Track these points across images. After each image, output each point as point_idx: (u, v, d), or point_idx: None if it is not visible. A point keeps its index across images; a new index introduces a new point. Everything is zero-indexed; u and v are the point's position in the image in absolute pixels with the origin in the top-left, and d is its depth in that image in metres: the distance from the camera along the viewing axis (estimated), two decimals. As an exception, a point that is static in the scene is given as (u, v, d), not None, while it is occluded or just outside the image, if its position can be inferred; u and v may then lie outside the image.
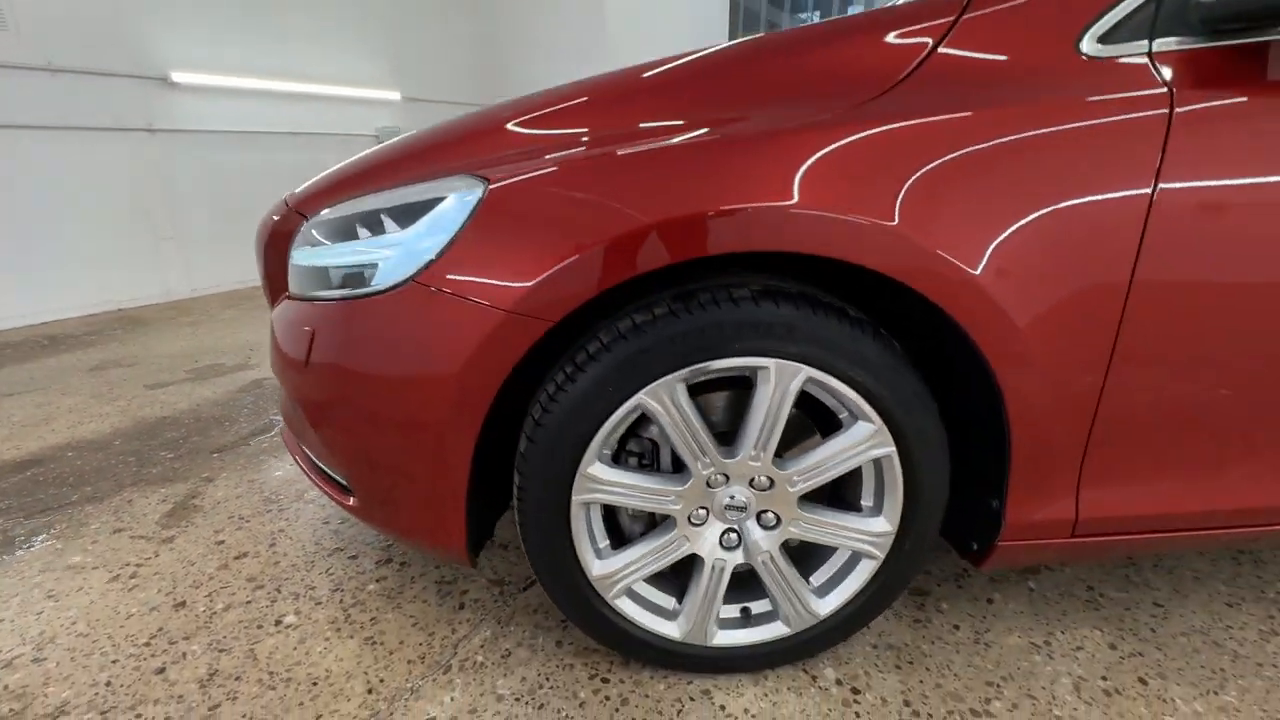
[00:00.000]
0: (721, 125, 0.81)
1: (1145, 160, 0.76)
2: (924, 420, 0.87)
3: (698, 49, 0.94)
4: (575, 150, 0.84)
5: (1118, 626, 1.11)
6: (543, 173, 0.81)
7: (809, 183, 0.76)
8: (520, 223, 0.81)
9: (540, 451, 0.86)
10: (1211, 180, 0.77)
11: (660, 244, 0.76)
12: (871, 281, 0.86)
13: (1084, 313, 0.80)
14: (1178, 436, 0.88)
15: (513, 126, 0.92)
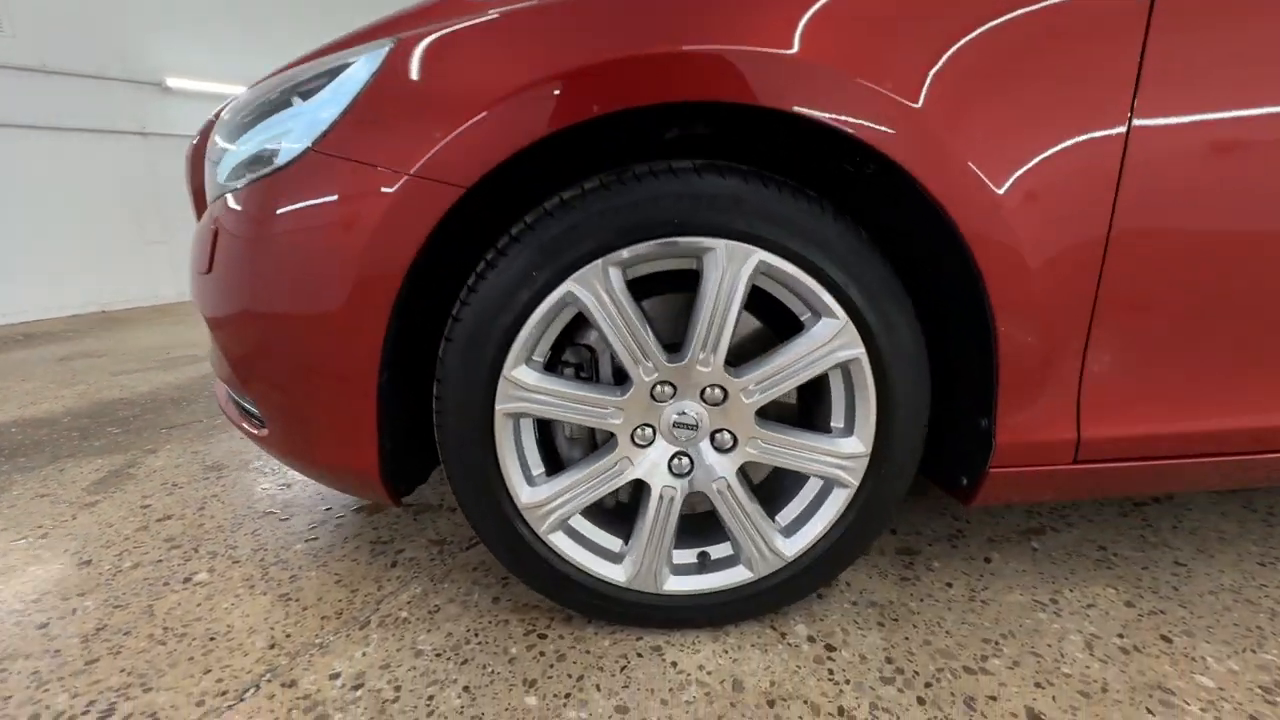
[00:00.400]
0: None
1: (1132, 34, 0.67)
2: (896, 315, 0.76)
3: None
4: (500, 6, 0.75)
5: (1134, 585, 0.97)
6: (452, 28, 0.72)
7: (750, 21, 0.66)
8: (427, 80, 0.71)
9: (458, 350, 0.75)
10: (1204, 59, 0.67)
11: (579, 93, 0.67)
12: (828, 158, 0.76)
13: (1077, 174, 0.69)
14: (1193, 333, 0.77)
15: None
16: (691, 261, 0.77)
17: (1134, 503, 1.22)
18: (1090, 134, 0.68)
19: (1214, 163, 0.70)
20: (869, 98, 0.66)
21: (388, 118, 0.71)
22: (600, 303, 0.74)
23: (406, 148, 0.69)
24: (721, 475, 0.82)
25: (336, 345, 0.76)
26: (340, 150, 0.72)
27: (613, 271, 0.73)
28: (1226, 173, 0.70)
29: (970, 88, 0.67)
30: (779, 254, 0.73)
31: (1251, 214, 0.71)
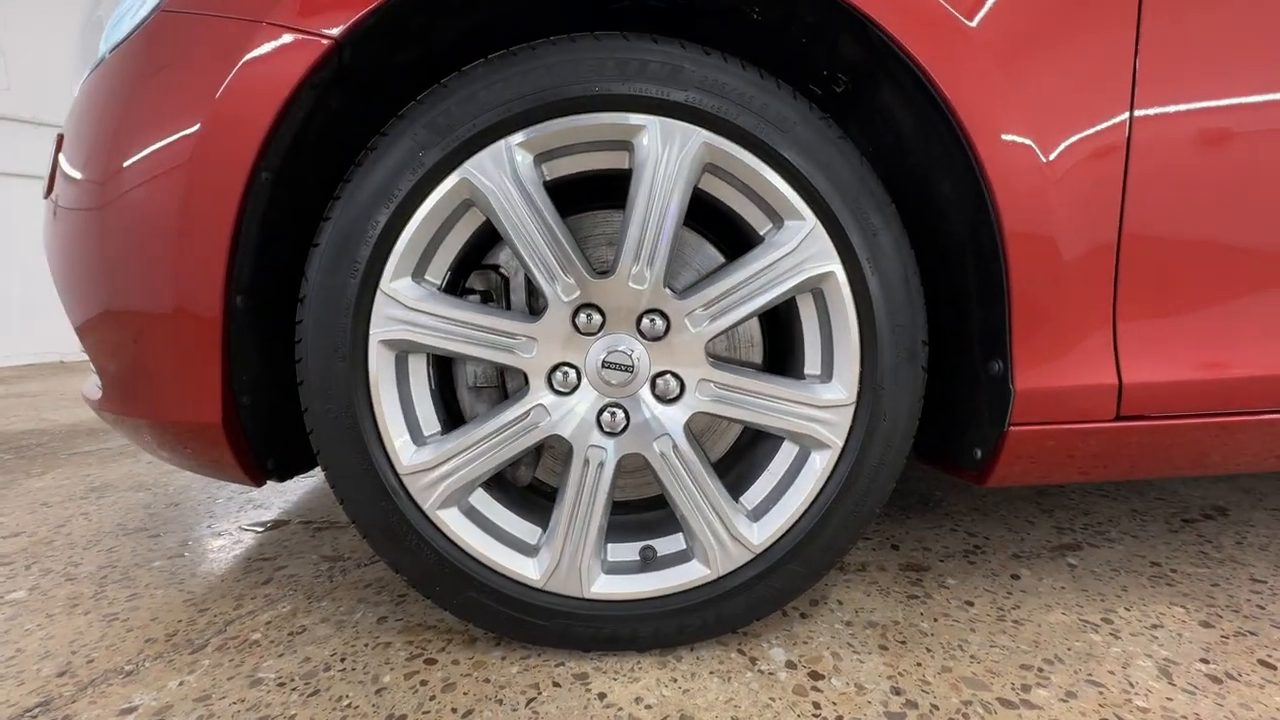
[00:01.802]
0: None
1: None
2: (877, 219, 0.60)
3: None
4: None
5: (1207, 604, 0.76)
6: None
7: None
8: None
9: (327, 257, 0.59)
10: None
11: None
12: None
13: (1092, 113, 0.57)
14: (1235, 269, 0.61)
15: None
16: (624, 158, 0.63)
17: (1183, 519, 1.01)
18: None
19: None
20: None
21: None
22: (505, 194, 0.59)
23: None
24: (665, 432, 0.63)
25: (170, 254, 0.59)
26: (189, 5, 0.59)
27: (520, 156, 0.59)
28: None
29: None
30: (728, 136, 0.59)
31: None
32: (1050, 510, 1.06)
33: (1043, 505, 1.08)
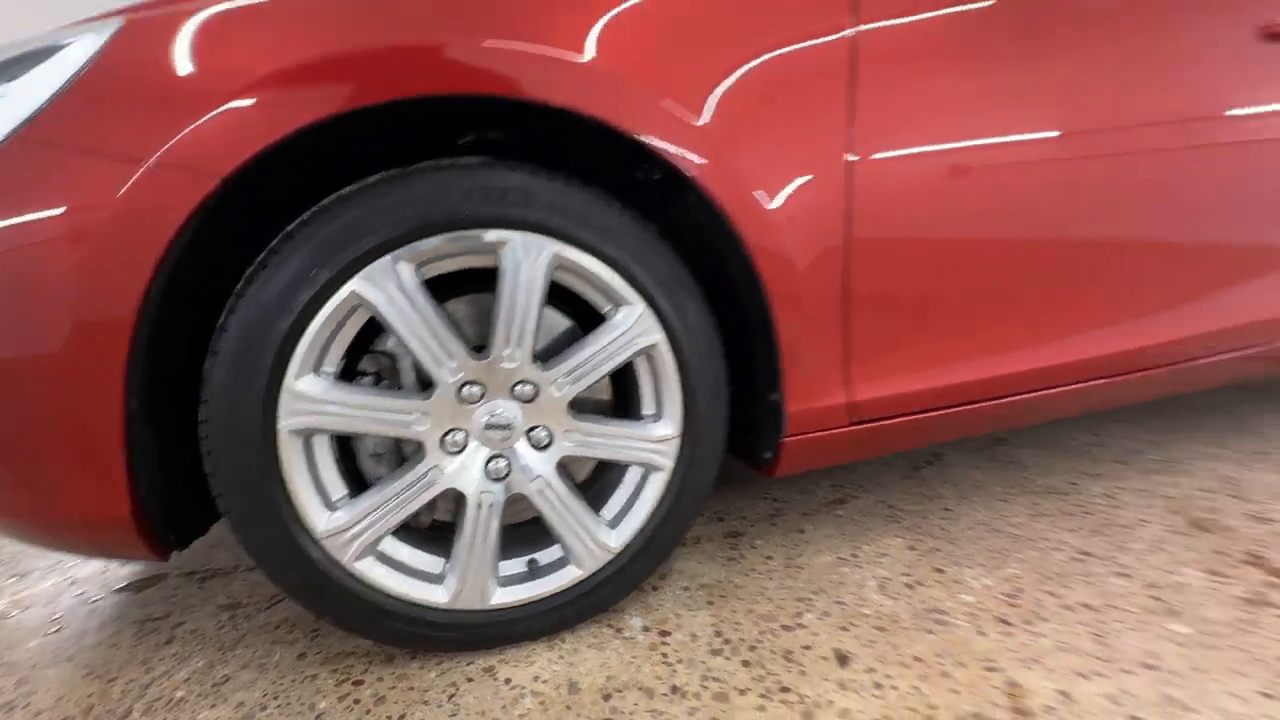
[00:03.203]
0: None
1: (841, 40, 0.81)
2: (688, 304, 0.82)
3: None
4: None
5: (915, 532, 1.12)
6: (191, 10, 0.67)
7: (528, 19, 0.70)
8: (168, 61, 0.64)
9: (227, 364, 0.67)
10: (899, 63, 0.84)
11: (348, 79, 0.65)
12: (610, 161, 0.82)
13: (815, 176, 0.81)
14: (938, 300, 0.92)
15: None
16: (491, 258, 0.77)
17: (912, 466, 1.42)
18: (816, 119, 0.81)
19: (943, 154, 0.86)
20: (661, 112, 0.73)
21: (119, 101, 0.63)
22: (392, 301, 0.71)
23: (142, 134, 0.62)
24: (540, 474, 0.81)
25: (65, 381, 0.64)
26: (57, 137, 0.62)
27: (403, 267, 0.71)
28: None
29: (739, 106, 0.77)
30: (574, 245, 0.76)
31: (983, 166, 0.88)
32: (830, 471, 1.41)
33: (828, 469, 1.43)
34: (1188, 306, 1.10)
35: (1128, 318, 1.06)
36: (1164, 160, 1.00)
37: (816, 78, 0.81)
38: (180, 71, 0.64)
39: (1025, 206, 0.93)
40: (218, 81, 0.63)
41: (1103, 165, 0.96)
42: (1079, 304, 1.01)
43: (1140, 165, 0.98)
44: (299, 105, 0.64)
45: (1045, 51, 0.92)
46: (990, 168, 0.90)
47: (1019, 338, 0.99)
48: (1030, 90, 0.91)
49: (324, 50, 0.64)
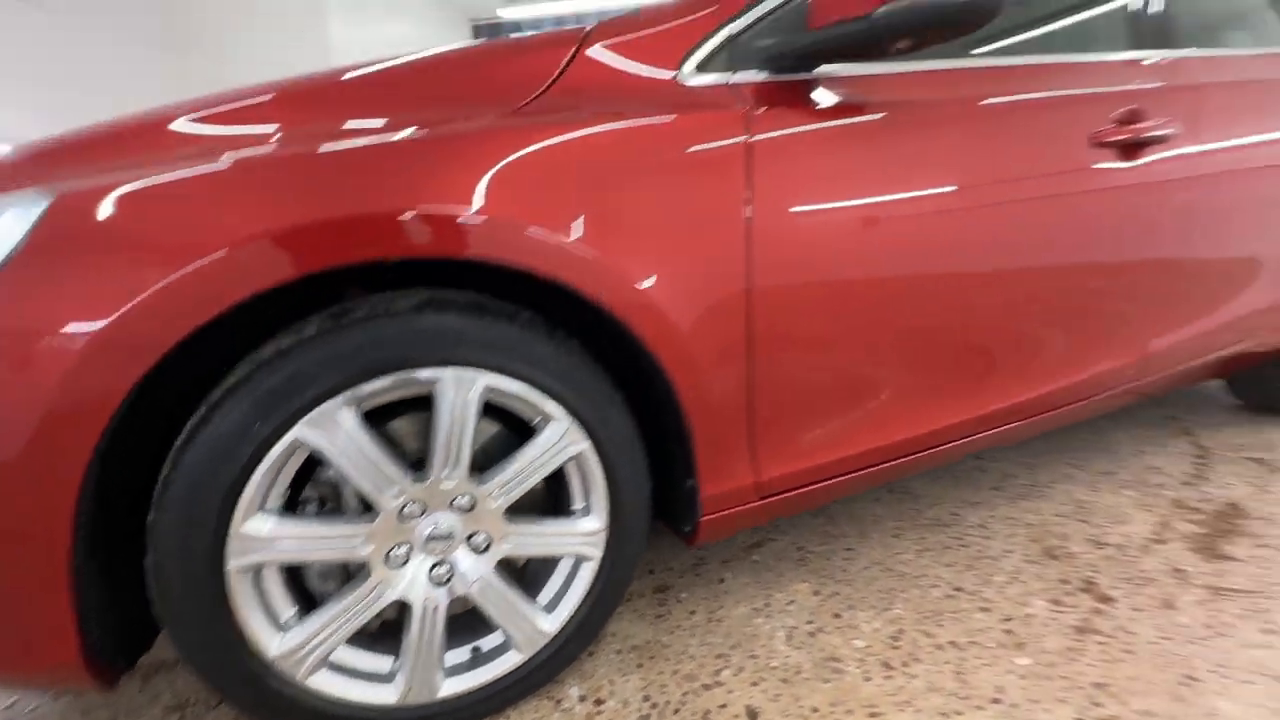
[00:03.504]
0: (335, 134, 0.78)
1: (735, 166, 0.91)
2: (611, 413, 0.91)
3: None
4: (195, 156, 0.74)
5: (820, 575, 1.27)
6: (136, 181, 0.69)
7: (450, 184, 0.76)
8: (108, 236, 0.67)
9: (173, 519, 0.71)
10: (789, 180, 0.95)
11: (278, 253, 0.70)
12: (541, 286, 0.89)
13: (717, 294, 0.92)
14: (836, 382, 1.05)
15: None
16: (431, 387, 0.83)
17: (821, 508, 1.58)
18: (721, 236, 0.91)
19: (834, 236, 0.98)
20: (547, 244, 0.80)
21: (52, 280, 0.65)
22: (334, 443, 0.76)
23: (90, 308, 0.64)
24: (480, 575, 0.89)
25: (11, 543, 0.66)
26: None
27: (343, 412, 0.76)
28: (846, 244, 0.99)
29: (621, 221, 0.85)
30: (503, 374, 0.83)
31: (870, 271, 1.01)
32: (750, 511, 1.55)
33: (746, 506, 1.57)
34: (1058, 363, 1.30)
35: (1006, 377, 1.24)
36: (1029, 238, 1.17)
37: (711, 196, 0.90)
38: (119, 248, 0.66)
39: (908, 293, 1.07)
40: (157, 257, 0.66)
41: (973, 251, 1.12)
42: (960, 371, 1.18)
43: (1005, 244, 1.15)
44: (234, 280, 0.68)
45: (927, 161, 1.05)
46: (878, 262, 1.03)
47: (910, 408, 1.15)
48: (906, 193, 1.04)
49: (263, 225, 0.69)
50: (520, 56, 0.89)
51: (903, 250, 1.05)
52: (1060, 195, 1.19)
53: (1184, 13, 1.48)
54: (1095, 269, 1.29)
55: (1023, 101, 1.16)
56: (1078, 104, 1.22)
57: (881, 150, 1.02)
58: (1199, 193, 1.38)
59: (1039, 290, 1.22)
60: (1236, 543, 1.33)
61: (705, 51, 0.95)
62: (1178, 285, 1.45)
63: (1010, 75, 1.17)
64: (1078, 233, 1.23)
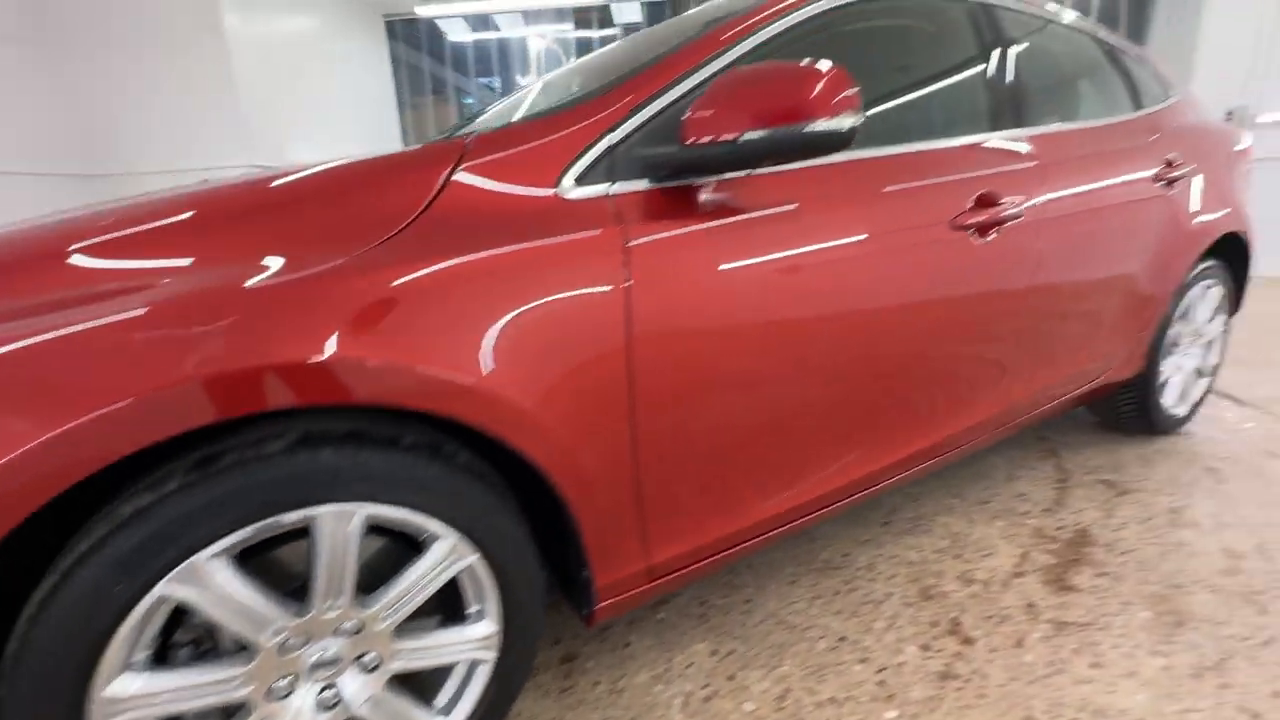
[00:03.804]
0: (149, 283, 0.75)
1: (617, 277, 0.95)
2: (499, 523, 0.94)
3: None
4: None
5: (718, 632, 1.35)
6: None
7: (310, 332, 0.75)
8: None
9: (27, 679, 0.68)
10: (670, 285, 1.00)
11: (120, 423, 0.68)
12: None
13: (600, 404, 0.96)
14: (719, 469, 1.12)
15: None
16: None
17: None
18: (602, 349, 0.94)
19: (695, 367, 1.03)
20: (421, 380, 0.81)
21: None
22: (203, 595, 0.75)
23: None
24: (370, 694, 0.90)
25: None
26: None
27: (212, 563, 0.75)
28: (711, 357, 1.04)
29: (499, 348, 0.87)
30: (384, 503, 0.84)
31: (737, 377, 1.07)
32: (659, 562, 1.61)
33: (656, 556, 1.63)
34: (936, 418, 1.43)
35: (892, 437, 1.35)
36: (898, 314, 1.26)
37: (590, 312, 0.94)
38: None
39: (791, 376, 1.14)
40: (29, 417, 0.63)
41: (846, 333, 1.20)
42: (843, 439, 1.27)
43: (877, 324, 1.24)
44: (81, 454, 0.66)
45: (803, 256, 1.12)
46: (759, 353, 1.09)
47: (797, 478, 1.23)
48: (782, 287, 1.11)
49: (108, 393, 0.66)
50: (389, 181, 0.88)
51: (781, 340, 1.12)
52: (927, 273, 1.29)
53: (1033, 90, 1.63)
54: (966, 334, 1.41)
55: (892, 192, 1.25)
56: (942, 190, 1.32)
57: (760, 248, 1.08)
58: (1052, 260, 1.54)
59: (913, 361, 1.33)
60: (1081, 572, 1.50)
61: (584, 164, 0.97)
62: (1042, 339, 1.61)
63: (879, 167, 1.26)
64: (946, 305, 1.35)
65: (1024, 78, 1.62)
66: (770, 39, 1.19)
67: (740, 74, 0.96)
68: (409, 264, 0.82)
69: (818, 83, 0.92)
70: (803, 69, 0.94)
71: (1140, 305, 1.90)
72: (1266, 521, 1.68)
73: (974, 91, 1.52)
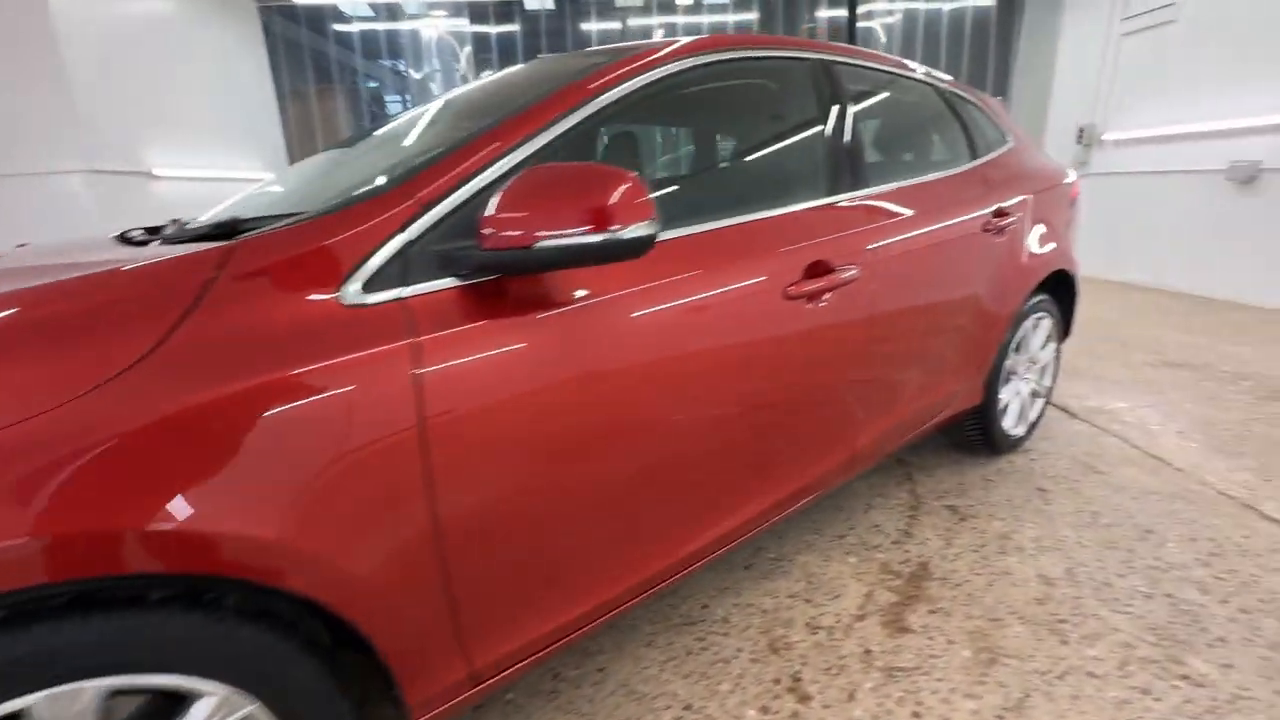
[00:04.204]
0: None
1: (406, 393, 0.88)
2: (280, 664, 0.86)
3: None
4: None
5: (567, 710, 1.33)
6: None
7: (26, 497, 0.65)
8: None
9: None
10: (472, 395, 0.95)
11: None
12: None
13: (395, 524, 0.90)
14: (536, 579, 1.08)
15: None
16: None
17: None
18: (390, 471, 0.88)
19: (498, 468, 0.99)
20: (184, 541, 0.73)
21: None
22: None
23: None
24: None
25: None
26: None
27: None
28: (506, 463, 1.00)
29: (278, 493, 0.80)
30: (129, 674, 0.75)
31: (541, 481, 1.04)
32: (518, 629, 1.57)
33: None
34: (753, 494, 1.45)
35: (709, 515, 1.36)
36: (717, 392, 1.27)
37: (381, 432, 0.87)
38: None
39: (613, 469, 1.13)
40: None
41: (666, 413, 1.20)
42: (674, 516, 1.27)
43: (700, 401, 1.25)
44: None
45: (617, 344, 1.10)
46: (577, 450, 1.07)
47: (625, 564, 1.22)
48: (594, 378, 1.09)
49: None
50: (127, 297, 0.78)
51: (603, 436, 1.10)
52: (757, 347, 1.31)
53: (871, 149, 1.70)
54: (804, 400, 1.46)
55: (721, 268, 1.26)
56: (773, 261, 1.34)
57: (578, 343, 1.05)
58: (888, 317, 1.61)
59: (746, 433, 1.35)
60: (916, 610, 1.60)
61: (371, 268, 0.90)
62: (885, 389, 1.70)
63: (706, 243, 1.27)
64: (780, 374, 1.38)
65: (861, 136, 1.68)
66: (591, 115, 1.16)
67: (536, 175, 0.92)
68: (140, 402, 0.73)
69: (614, 190, 0.90)
70: (600, 173, 0.91)
71: (977, 344, 2.04)
72: (1078, 541, 1.86)
73: (810, 155, 1.56)
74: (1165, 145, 5.48)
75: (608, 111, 1.18)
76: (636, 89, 1.23)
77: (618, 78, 1.21)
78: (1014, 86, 6.94)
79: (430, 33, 6.55)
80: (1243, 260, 4.86)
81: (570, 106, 1.14)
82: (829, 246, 1.45)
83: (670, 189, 1.56)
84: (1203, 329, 4.18)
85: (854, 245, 1.51)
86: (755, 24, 6.59)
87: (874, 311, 1.56)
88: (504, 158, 1.03)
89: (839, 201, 1.56)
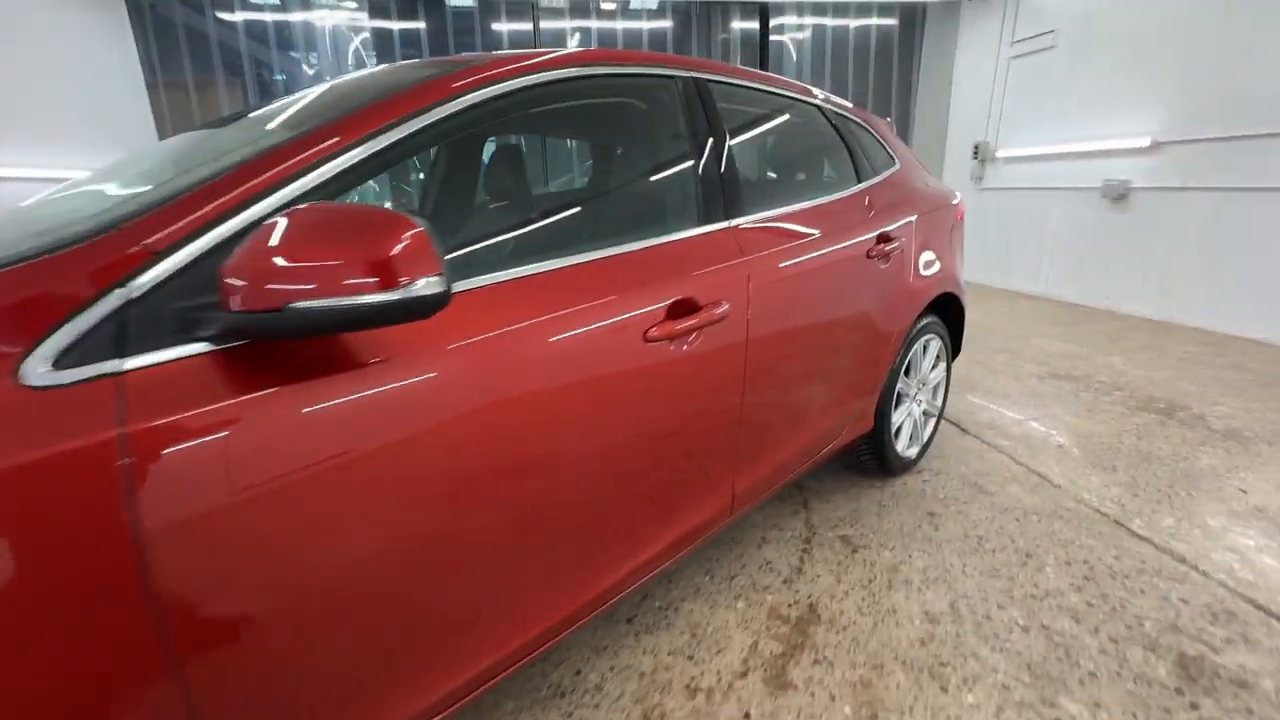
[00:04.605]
0: None
1: (115, 503, 0.69)
2: None
3: None
4: None
5: (401, 823, 1.15)
6: None
7: None
8: None
9: None
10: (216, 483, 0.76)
11: None
12: None
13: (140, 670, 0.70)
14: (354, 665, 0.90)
15: None
16: None
17: (448, 684, 1.46)
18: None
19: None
20: None
21: None
22: None
23: None
24: None
25: None
26: None
27: None
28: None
29: None
30: None
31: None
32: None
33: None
34: (621, 555, 1.32)
35: (565, 585, 1.22)
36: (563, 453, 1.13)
37: (84, 544, 0.68)
38: None
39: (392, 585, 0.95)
40: None
41: (499, 476, 1.05)
42: (533, 587, 1.12)
43: (544, 458, 1.10)
44: None
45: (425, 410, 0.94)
46: (383, 559, 0.90)
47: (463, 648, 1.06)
48: (406, 450, 0.92)
49: None
50: None
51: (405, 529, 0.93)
52: (610, 395, 1.18)
53: (748, 174, 1.61)
54: (679, 441, 1.34)
55: (572, 313, 1.11)
56: (627, 300, 1.21)
57: (369, 415, 0.87)
58: (767, 353, 1.52)
59: (607, 489, 1.22)
60: (800, 662, 1.52)
61: (67, 337, 0.70)
62: (768, 426, 1.61)
63: (555, 281, 1.12)
64: (640, 422, 1.25)
65: (738, 161, 1.58)
66: (403, 139, 0.99)
67: (299, 217, 0.75)
68: None
69: (393, 240, 0.74)
70: (377, 219, 0.75)
71: (865, 372, 2.01)
72: (963, 570, 1.85)
73: (680, 181, 1.45)
74: (1049, 163, 5.84)
75: (422, 137, 1.01)
76: (465, 108, 1.07)
77: (443, 94, 1.04)
78: (917, 104, 7.24)
79: (324, 25, 6.10)
80: (1117, 272, 5.23)
81: (375, 128, 0.96)
82: (697, 282, 1.34)
83: (511, 223, 1.41)
84: (1086, 338, 4.44)
85: (726, 279, 1.41)
86: (669, 34, 6.55)
87: (750, 349, 1.47)
88: (274, 191, 0.85)
89: (712, 231, 1.45)
